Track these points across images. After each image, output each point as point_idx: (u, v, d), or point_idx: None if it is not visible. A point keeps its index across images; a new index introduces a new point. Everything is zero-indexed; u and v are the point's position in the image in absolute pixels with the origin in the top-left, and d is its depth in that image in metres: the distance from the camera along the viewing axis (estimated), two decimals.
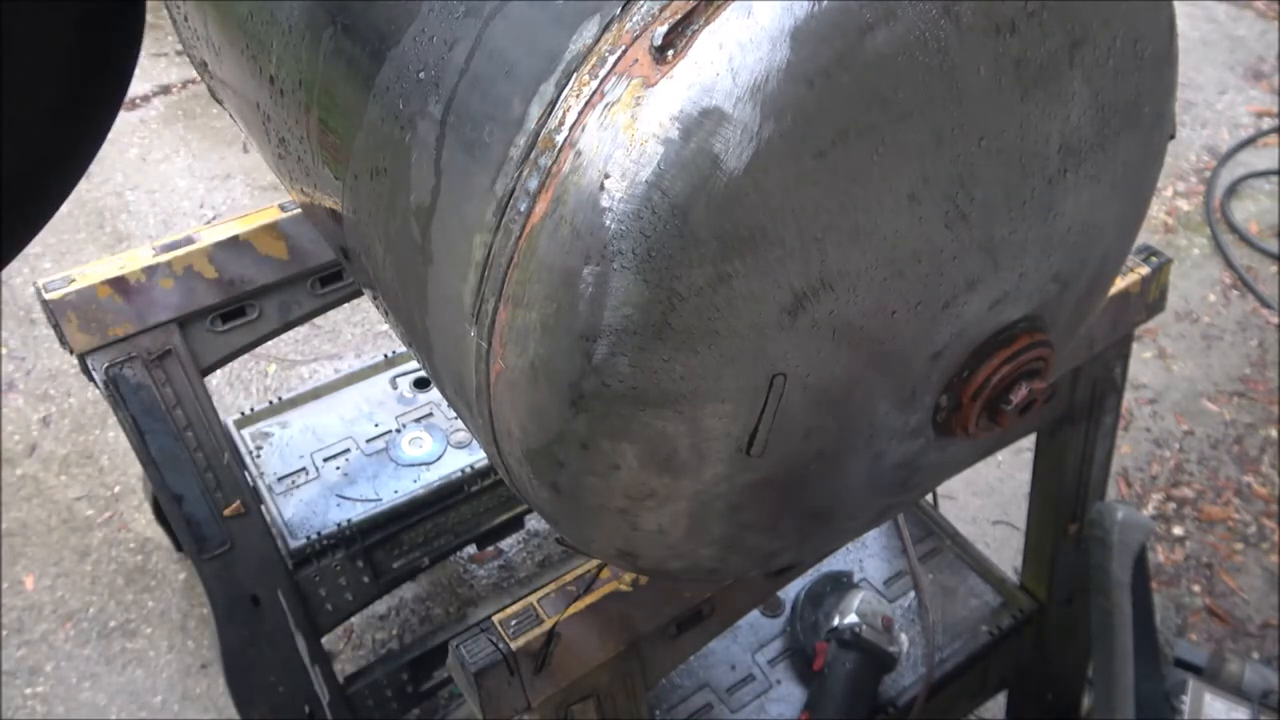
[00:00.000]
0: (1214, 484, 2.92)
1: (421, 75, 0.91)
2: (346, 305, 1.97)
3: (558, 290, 0.79)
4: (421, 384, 2.33)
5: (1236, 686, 1.84)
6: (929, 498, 2.21)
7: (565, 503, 0.93)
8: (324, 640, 1.97)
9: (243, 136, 3.94)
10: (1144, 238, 2.41)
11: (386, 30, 0.96)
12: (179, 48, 4.58)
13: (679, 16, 0.75)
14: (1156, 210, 3.85)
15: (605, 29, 0.78)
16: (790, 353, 0.85)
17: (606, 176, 0.75)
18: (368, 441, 2.19)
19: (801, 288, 0.82)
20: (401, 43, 0.94)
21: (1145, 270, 1.63)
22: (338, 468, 2.14)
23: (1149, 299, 1.66)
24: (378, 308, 1.22)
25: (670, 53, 0.75)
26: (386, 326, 3.21)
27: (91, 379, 1.67)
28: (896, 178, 0.81)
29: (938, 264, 0.88)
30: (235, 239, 1.71)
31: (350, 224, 1.09)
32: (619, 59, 0.77)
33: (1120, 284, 1.60)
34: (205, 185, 3.96)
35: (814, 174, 0.78)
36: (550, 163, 0.78)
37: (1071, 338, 1.19)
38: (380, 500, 2.06)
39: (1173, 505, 2.86)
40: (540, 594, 1.23)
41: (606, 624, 1.23)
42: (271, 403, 2.27)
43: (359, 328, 3.39)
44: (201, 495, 1.75)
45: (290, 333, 2.27)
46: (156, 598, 2.66)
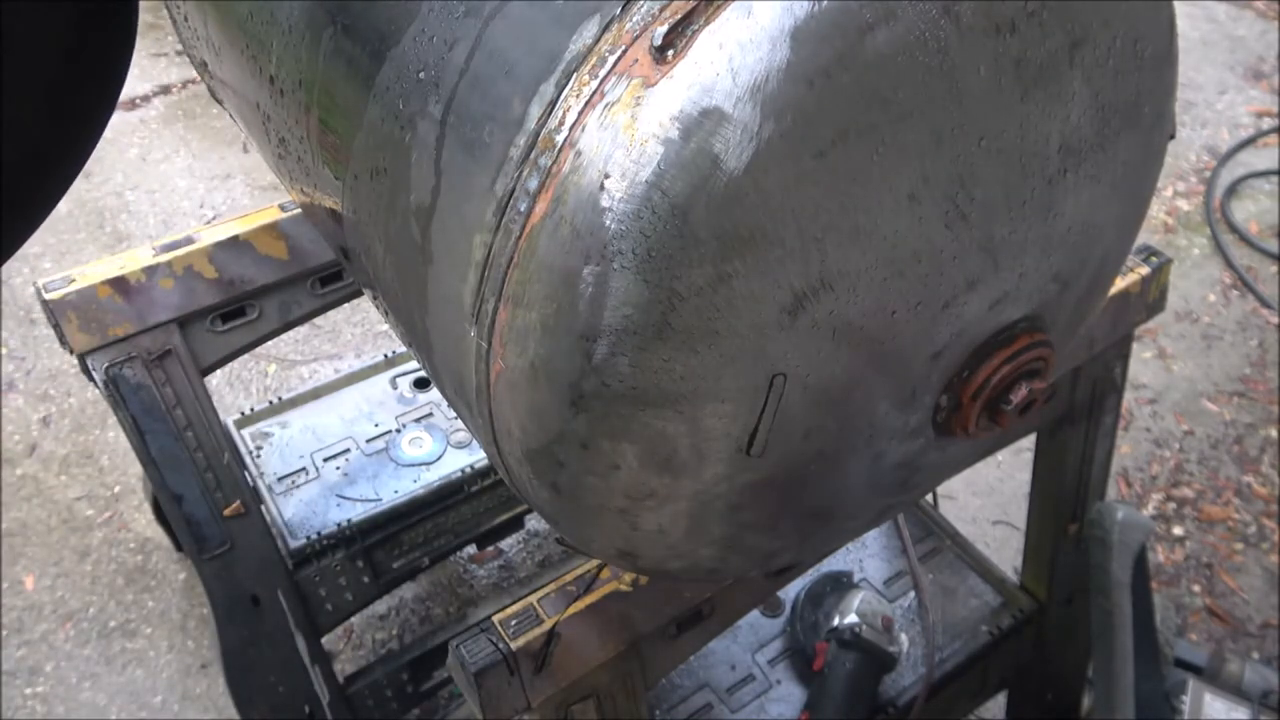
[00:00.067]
0: (1214, 484, 2.92)
1: (421, 75, 0.91)
2: (346, 305, 1.97)
3: (558, 290, 0.79)
4: (421, 384, 2.33)
5: (1236, 686, 1.84)
6: (929, 498, 2.21)
7: (565, 503, 0.93)
8: (324, 640, 1.97)
9: (243, 136, 3.94)
10: (1144, 238, 2.41)
11: (386, 30, 0.96)
12: (179, 48, 4.58)
13: (679, 16, 0.75)
14: (1156, 210, 3.85)
15: (605, 29, 0.78)
16: (790, 353, 0.85)
17: (606, 176, 0.75)
18: (368, 441, 2.19)
19: (801, 288, 0.82)
20: (401, 43, 0.94)
21: (1145, 270, 1.63)
22: (338, 468, 2.14)
23: (1149, 299, 1.66)
24: (378, 308, 1.22)
25: (670, 53, 0.75)
26: (386, 326, 3.21)
27: (91, 379, 1.67)
28: (896, 178, 0.81)
29: (938, 264, 0.88)
30: (235, 239, 1.71)
31: (350, 224, 1.09)
32: (619, 59, 0.77)
33: (1120, 284, 1.60)
34: (205, 185, 3.96)
35: (814, 174, 0.78)
36: (550, 163, 0.78)
37: (1071, 338, 1.19)
38: (380, 500, 2.06)
39: (1173, 505, 2.87)
40: (540, 594, 1.23)
41: (606, 624, 1.23)
42: (271, 403, 2.27)
43: (359, 328, 3.39)
44: (201, 495, 1.75)
45: (290, 333, 2.28)
46: (156, 598, 2.66)
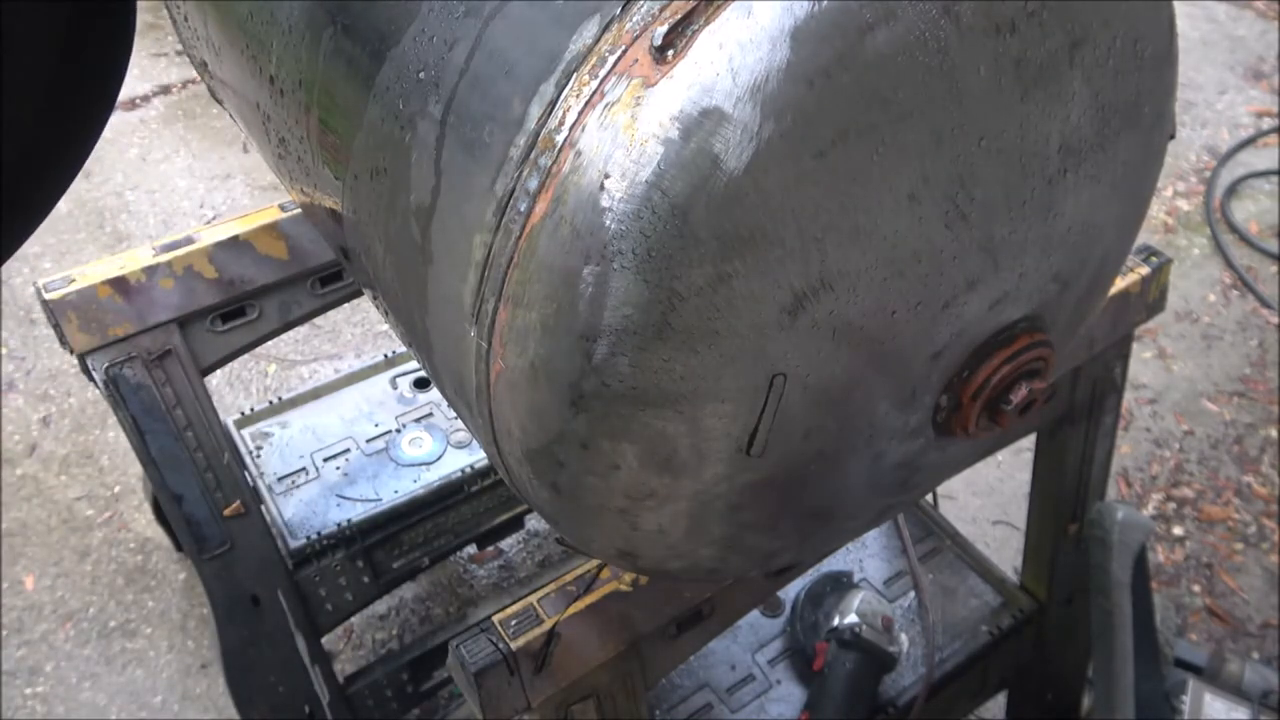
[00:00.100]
0: (1214, 484, 2.92)
1: (421, 75, 0.91)
2: (346, 305, 1.97)
3: (558, 290, 0.79)
4: (421, 384, 2.33)
5: (1236, 686, 1.84)
6: (929, 498, 2.21)
7: (565, 503, 0.93)
8: (324, 640, 1.97)
9: (243, 136, 3.94)
10: (1144, 238, 2.41)
11: (386, 30, 0.96)
12: (179, 48, 4.58)
13: (679, 16, 0.75)
14: (1156, 210, 3.85)
15: (605, 29, 0.78)
16: (790, 353, 0.85)
17: (606, 176, 0.75)
18: (368, 441, 2.19)
19: (801, 288, 0.82)
20: (401, 43, 0.94)
21: (1145, 270, 1.63)
22: (338, 468, 2.14)
23: (1149, 299, 1.66)
24: (378, 308, 1.22)
25: (670, 53, 0.75)
26: (386, 326, 3.21)
27: (91, 379, 1.67)
28: (896, 178, 0.81)
29: (938, 264, 0.88)
30: (235, 239, 1.71)
31: (350, 224, 1.09)
32: (619, 59, 0.77)
33: (1120, 284, 1.60)
34: (205, 185, 3.96)
35: (814, 174, 0.78)
36: (550, 163, 0.78)
37: (1071, 338, 1.19)
38: (380, 500, 2.06)
39: (1173, 505, 2.87)
40: (540, 594, 1.23)
41: (606, 624, 1.23)
42: (271, 403, 2.27)
43: (359, 328, 3.39)
44: (201, 495, 1.75)
45: (290, 333, 2.28)
46: (156, 598, 2.66)
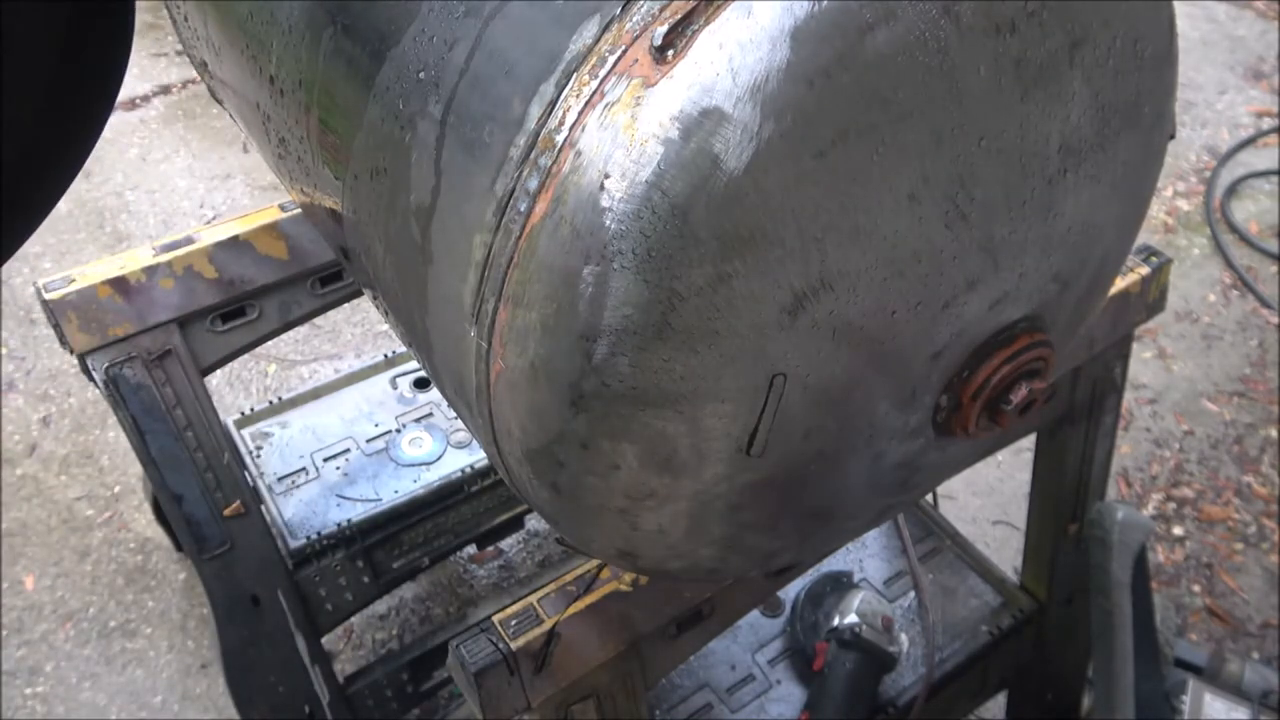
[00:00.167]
0: (1214, 484, 2.92)
1: (421, 75, 0.91)
2: (346, 305, 1.97)
3: (558, 290, 0.79)
4: (421, 384, 2.33)
5: (1236, 686, 1.84)
6: (929, 498, 2.21)
7: (565, 503, 0.93)
8: (324, 640, 1.97)
9: (243, 136, 3.94)
10: (1144, 238, 2.41)
11: (386, 30, 0.96)
12: (179, 48, 4.58)
13: (679, 16, 0.75)
14: (1156, 210, 3.85)
15: (605, 29, 0.78)
16: (790, 353, 0.85)
17: (606, 176, 0.75)
18: (368, 441, 2.19)
19: (801, 288, 0.82)
20: (401, 43, 0.94)
21: (1145, 270, 1.63)
22: (338, 468, 2.14)
23: (1149, 299, 1.66)
24: (378, 308, 1.22)
25: (670, 53, 0.75)
26: (386, 326, 3.21)
27: (91, 379, 1.67)
28: (896, 178, 0.81)
29: (938, 264, 0.88)
30: (235, 239, 1.71)
31: (350, 224, 1.09)
32: (619, 59, 0.77)
33: (1120, 284, 1.60)
34: (205, 185, 3.96)
35: (814, 174, 0.78)
36: (550, 163, 0.78)
37: (1071, 338, 1.19)
38: (380, 500, 2.06)
39: (1173, 505, 2.87)
40: (540, 594, 1.23)
41: (606, 624, 1.23)
42: (271, 403, 2.27)
43: (359, 328, 3.39)
44: (201, 495, 1.75)
45: (290, 333, 2.28)
46: (156, 598, 2.66)
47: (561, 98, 0.79)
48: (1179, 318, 3.42)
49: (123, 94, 1.27)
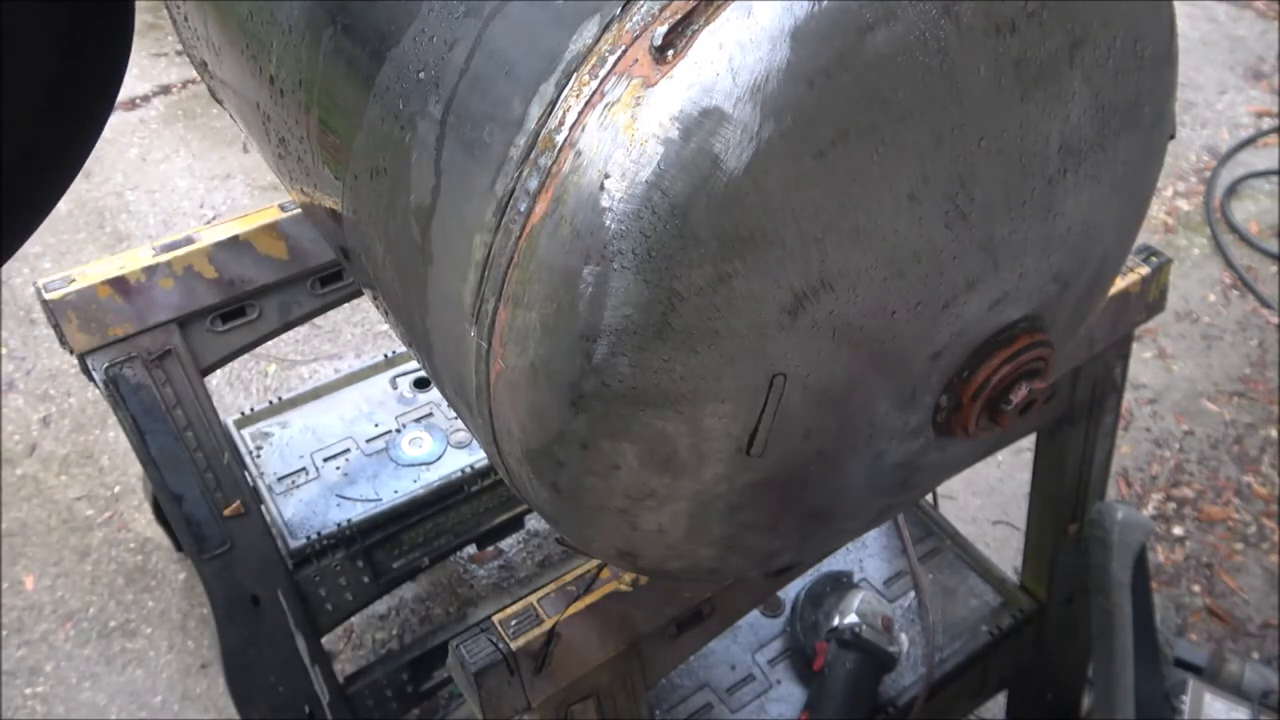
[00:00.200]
0: (1214, 484, 2.92)
1: (421, 75, 0.91)
2: (346, 305, 1.97)
3: (558, 290, 0.79)
4: (421, 384, 2.33)
5: (1236, 686, 1.84)
6: (929, 498, 2.21)
7: (565, 503, 0.93)
8: (324, 640, 1.97)
9: (243, 136, 3.94)
10: (1144, 238, 2.41)
11: (386, 30, 0.96)
12: (179, 48, 4.58)
13: (679, 16, 0.75)
14: (1156, 210, 3.85)
15: (605, 29, 0.78)
16: (790, 353, 0.85)
17: (606, 176, 0.75)
18: (368, 441, 2.19)
19: (801, 288, 0.82)
20: (401, 43, 0.94)
21: (1145, 270, 1.63)
22: (338, 468, 2.14)
23: (1149, 299, 1.66)
24: (378, 308, 1.22)
25: (670, 53, 0.75)
26: (386, 326, 3.21)
27: (91, 379, 1.67)
28: (896, 178, 0.81)
29: (938, 264, 0.88)
30: (235, 239, 1.71)
31: (350, 224, 1.09)
32: (619, 59, 0.77)
33: (1120, 284, 1.60)
34: (205, 185, 3.96)
35: (814, 174, 0.78)
36: (550, 163, 0.78)
37: (1071, 338, 1.19)
38: (380, 500, 2.06)
39: (1173, 505, 2.87)
40: (540, 594, 1.23)
41: (606, 624, 1.23)
42: (271, 403, 2.27)
43: (359, 328, 3.39)
44: (201, 495, 1.75)
45: (290, 333, 2.28)
46: (156, 598, 2.66)
47: (561, 98, 0.79)
48: (1179, 318, 3.42)
49: (123, 94, 1.27)
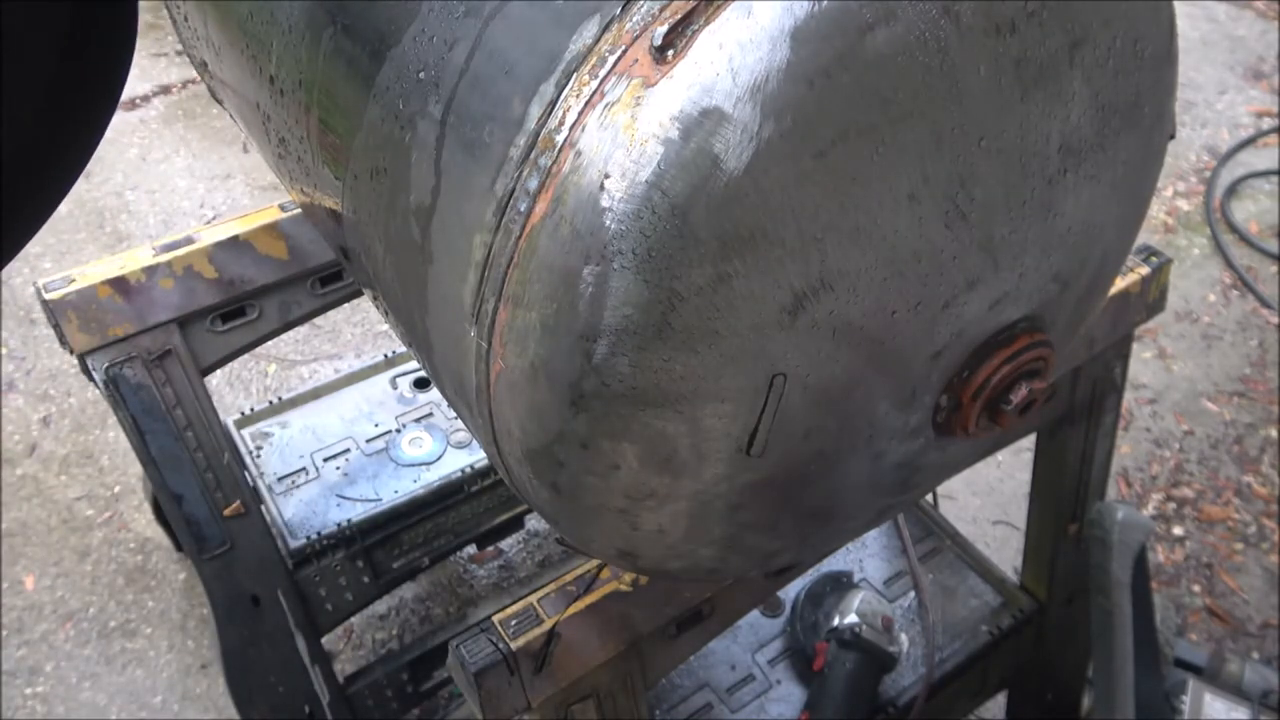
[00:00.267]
0: (1214, 484, 2.92)
1: (421, 75, 0.91)
2: (346, 305, 1.97)
3: (558, 290, 0.79)
4: (421, 384, 2.33)
5: (1236, 686, 1.84)
6: (929, 498, 2.21)
7: (565, 503, 0.93)
8: (324, 640, 1.97)
9: (243, 136, 3.94)
10: (1144, 238, 2.41)
11: (386, 30, 0.96)
12: (179, 48, 4.58)
13: (679, 16, 0.75)
14: (1156, 210, 3.85)
15: (605, 29, 0.78)
16: (790, 353, 0.85)
17: (606, 176, 0.75)
18: (368, 441, 2.19)
19: (801, 288, 0.82)
20: (401, 43, 0.94)
21: (1145, 270, 1.63)
22: (338, 468, 2.14)
23: (1149, 299, 1.66)
24: (378, 308, 1.22)
25: (670, 53, 0.75)
26: (386, 326, 3.21)
27: (91, 379, 1.67)
28: (896, 178, 0.81)
29: (938, 264, 0.88)
30: (235, 239, 1.71)
31: (350, 224, 1.10)
32: (619, 59, 0.77)
33: (1120, 284, 1.60)
34: (205, 185, 3.96)
35: (814, 174, 0.78)
36: (550, 163, 0.78)
37: (1071, 338, 1.19)
38: (380, 500, 2.06)
39: (1173, 505, 2.86)
40: (540, 594, 1.23)
41: (606, 624, 1.23)
42: (271, 403, 2.27)
43: (359, 328, 3.39)
44: (201, 495, 1.75)
45: (290, 333, 2.28)
46: (156, 598, 2.66)
47: (561, 98, 0.79)
48: (1179, 318, 3.42)
49: (123, 94, 1.27)
